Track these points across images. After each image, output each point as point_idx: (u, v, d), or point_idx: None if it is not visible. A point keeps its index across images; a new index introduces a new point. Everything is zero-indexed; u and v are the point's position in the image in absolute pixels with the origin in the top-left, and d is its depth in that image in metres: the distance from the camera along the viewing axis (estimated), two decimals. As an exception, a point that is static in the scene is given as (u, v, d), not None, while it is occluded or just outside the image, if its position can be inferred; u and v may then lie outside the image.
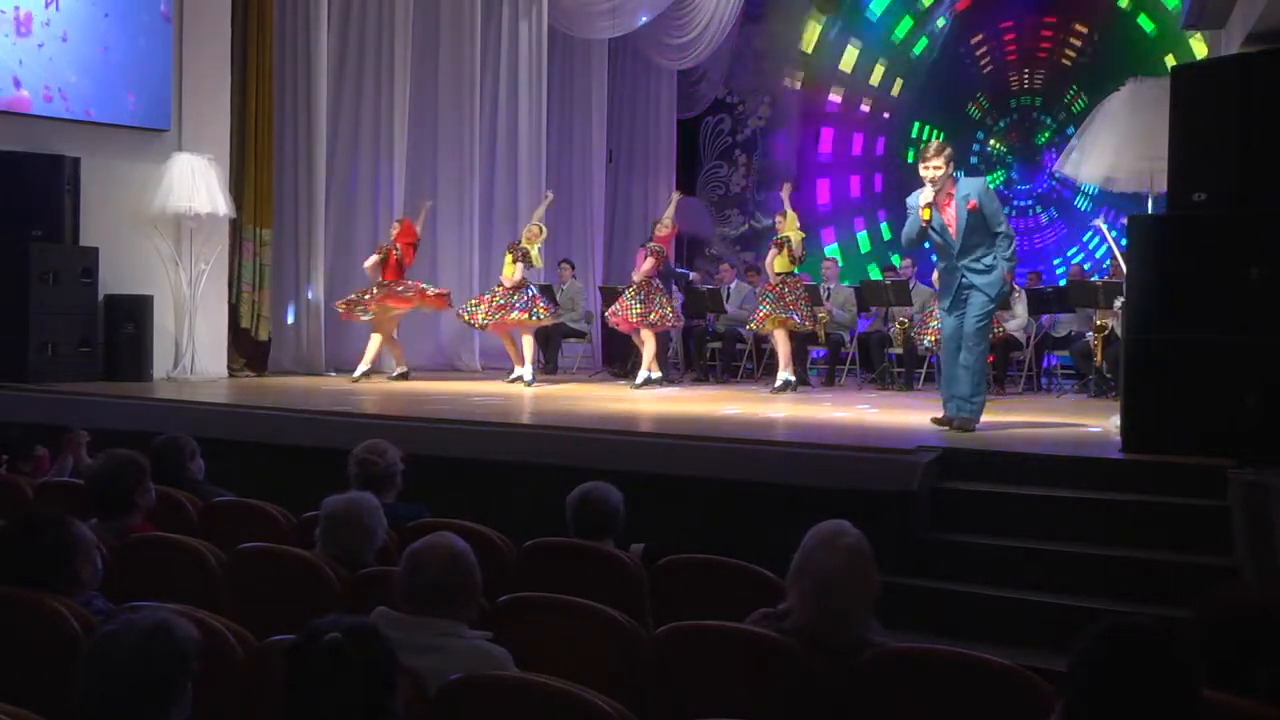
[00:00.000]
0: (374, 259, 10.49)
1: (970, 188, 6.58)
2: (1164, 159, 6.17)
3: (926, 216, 6.49)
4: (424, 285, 10.67)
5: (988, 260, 6.53)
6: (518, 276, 10.46)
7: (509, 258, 10.61)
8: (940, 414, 6.85)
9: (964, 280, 6.58)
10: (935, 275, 7.47)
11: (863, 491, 5.40)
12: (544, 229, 10.91)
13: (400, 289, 10.37)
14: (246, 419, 7.63)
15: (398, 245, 10.52)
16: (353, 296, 10.45)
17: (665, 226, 10.64)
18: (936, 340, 8.93)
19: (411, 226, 10.73)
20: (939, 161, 6.50)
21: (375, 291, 10.32)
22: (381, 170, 11.71)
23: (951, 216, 6.55)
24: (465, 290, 12.26)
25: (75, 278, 9.24)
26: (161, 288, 9.93)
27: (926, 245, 7.02)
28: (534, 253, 10.57)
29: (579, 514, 4.19)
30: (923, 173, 6.58)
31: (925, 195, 6.53)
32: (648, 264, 10.41)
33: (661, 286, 10.58)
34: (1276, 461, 5.11)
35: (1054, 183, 13.98)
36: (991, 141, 14.61)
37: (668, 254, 10.67)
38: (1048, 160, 13.84)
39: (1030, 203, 14.49)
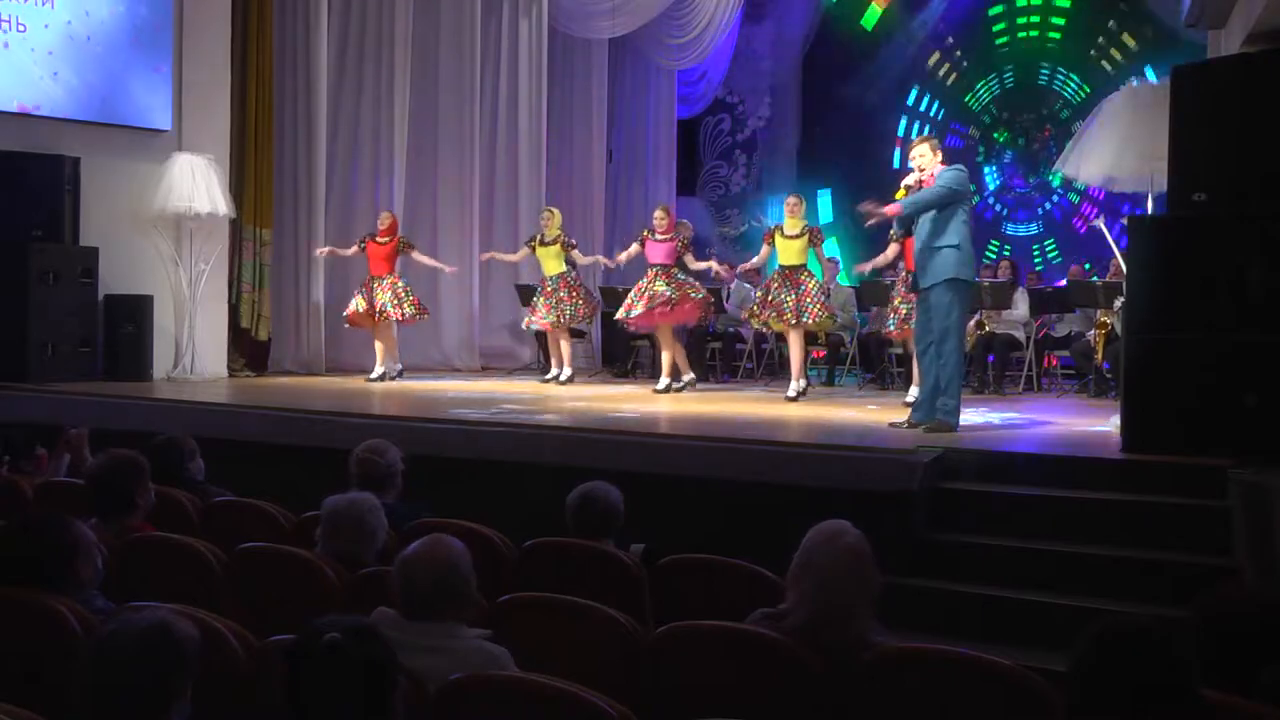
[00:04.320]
0: (354, 249, 10.49)
1: (943, 173, 6.81)
2: (1164, 159, 6.16)
3: (899, 196, 6.93)
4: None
5: (941, 240, 6.66)
6: (564, 268, 10.29)
7: (551, 249, 10.27)
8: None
9: (921, 263, 6.76)
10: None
11: (863, 491, 5.40)
12: (552, 211, 10.60)
13: (393, 299, 10.17)
14: (246, 419, 7.64)
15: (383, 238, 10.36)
16: (356, 310, 10.30)
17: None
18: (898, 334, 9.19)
19: (395, 222, 10.53)
20: (922, 149, 6.93)
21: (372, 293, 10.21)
22: (381, 170, 11.70)
23: None
24: (465, 289, 12.25)
25: (75, 278, 9.22)
26: (161, 288, 9.93)
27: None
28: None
29: (579, 514, 4.19)
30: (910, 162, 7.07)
31: (909, 179, 6.98)
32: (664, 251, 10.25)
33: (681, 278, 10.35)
34: (1276, 461, 5.11)
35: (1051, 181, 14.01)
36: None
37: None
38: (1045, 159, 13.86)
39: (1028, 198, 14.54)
